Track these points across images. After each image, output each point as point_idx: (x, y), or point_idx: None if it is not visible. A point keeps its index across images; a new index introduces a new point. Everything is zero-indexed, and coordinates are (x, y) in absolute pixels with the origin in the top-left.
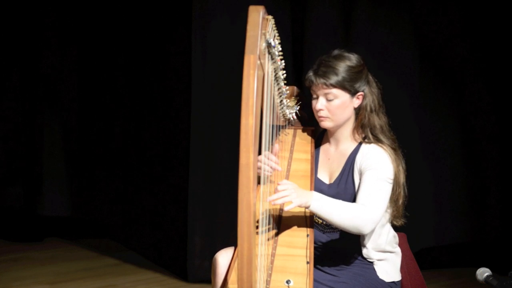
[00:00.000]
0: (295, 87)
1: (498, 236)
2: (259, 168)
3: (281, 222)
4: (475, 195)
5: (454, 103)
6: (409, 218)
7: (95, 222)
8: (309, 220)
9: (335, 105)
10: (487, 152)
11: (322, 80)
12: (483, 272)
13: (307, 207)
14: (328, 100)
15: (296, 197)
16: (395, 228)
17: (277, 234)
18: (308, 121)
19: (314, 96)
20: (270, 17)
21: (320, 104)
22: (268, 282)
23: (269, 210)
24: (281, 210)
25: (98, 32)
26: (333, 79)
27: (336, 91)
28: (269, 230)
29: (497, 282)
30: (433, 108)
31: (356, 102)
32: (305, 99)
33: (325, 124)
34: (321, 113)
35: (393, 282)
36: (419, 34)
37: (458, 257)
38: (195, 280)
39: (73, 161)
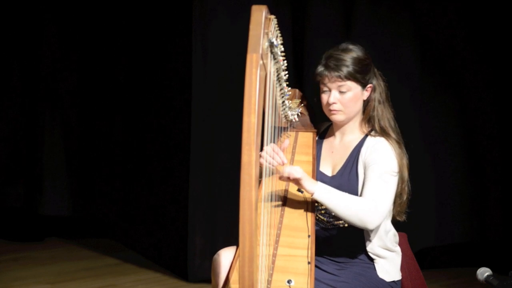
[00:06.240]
0: (297, 90)
1: (499, 236)
2: (261, 157)
3: (283, 222)
4: (475, 195)
5: (455, 103)
6: (409, 218)
7: (95, 222)
8: (311, 221)
9: (348, 98)
10: (487, 152)
11: (336, 73)
12: (483, 272)
13: (311, 194)
14: (341, 93)
15: (305, 178)
16: (396, 227)
17: (278, 235)
18: (310, 124)
19: (326, 89)
20: (272, 16)
21: (333, 98)
22: (269, 282)
23: (271, 210)
24: (283, 210)
25: (98, 32)
26: (346, 71)
27: (350, 84)
28: (270, 230)
29: (498, 282)
30: (434, 108)
31: (366, 94)
32: (307, 102)
33: (337, 117)
34: (334, 107)
35: (393, 281)
36: (419, 34)
37: (458, 257)
38: (195, 280)
39: (73, 161)
